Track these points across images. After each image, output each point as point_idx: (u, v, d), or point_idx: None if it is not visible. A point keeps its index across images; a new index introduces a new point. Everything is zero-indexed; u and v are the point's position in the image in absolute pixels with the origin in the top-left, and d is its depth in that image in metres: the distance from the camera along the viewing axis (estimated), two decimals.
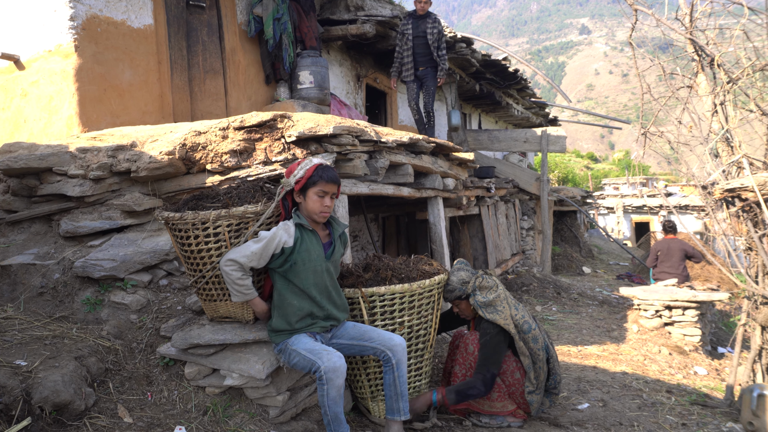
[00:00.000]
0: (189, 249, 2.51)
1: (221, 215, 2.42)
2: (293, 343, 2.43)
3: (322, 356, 2.34)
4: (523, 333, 3.02)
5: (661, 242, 7.91)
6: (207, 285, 2.57)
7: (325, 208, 2.49)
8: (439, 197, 5.52)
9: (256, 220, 2.49)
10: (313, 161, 2.52)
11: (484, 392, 2.92)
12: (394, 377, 2.59)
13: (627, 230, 22.11)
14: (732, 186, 3.40)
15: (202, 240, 2.46)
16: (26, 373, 2.24)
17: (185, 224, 2.45)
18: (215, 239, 2.46)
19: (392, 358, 2.57)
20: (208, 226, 2.44)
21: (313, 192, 2.47)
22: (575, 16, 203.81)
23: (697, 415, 3.49)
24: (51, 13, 4.44)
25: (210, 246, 2.47)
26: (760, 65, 3.53)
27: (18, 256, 3.18)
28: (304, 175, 2.47)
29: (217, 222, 2.43)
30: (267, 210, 2.49)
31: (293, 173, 2.49)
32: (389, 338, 2.60)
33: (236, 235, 2.48)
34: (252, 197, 2.60)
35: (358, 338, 2.61)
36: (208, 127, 3.52)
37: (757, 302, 3.54)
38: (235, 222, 2.45)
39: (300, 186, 2.47)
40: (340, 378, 2.33)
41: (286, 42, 5.99)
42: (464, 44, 8.43)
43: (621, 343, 5.63)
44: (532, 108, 13.77)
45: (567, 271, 11.67)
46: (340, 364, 2.33)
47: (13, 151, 3.50)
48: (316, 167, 2.48)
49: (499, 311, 2.99)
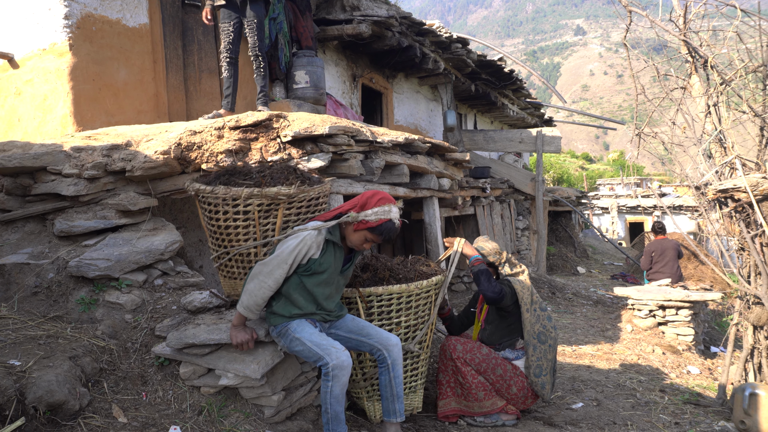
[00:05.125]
0: (216, 224, 2.48)
1: (254, 194, 2.38)
2: (296, 330, 2.42)
3: (330, 352, 2.34)
4: (540, 310, 3.22)
5: (654, 243, 7.96)
6: (230, 262, 2.56)
7: (364, 247, 2.53)
8: (434, 197, 5.53)
9: (287, 202, 2.45)
10: (390, 213, 2.46)
11: (493, 293, 3.10)
12: (390, 378, 2.59)
13: (621, 230, 22.20)
14: (725, 187, 3.43)
15: (231, 216, 2.43)
16: (20, 372, 2.23)
17: (216, 198, 2.42)
18: (244, 217, 2.43)
19: (387, 357, 2.57)
20: (238, 203, 2.40)
21: (366, 234, 2.47)
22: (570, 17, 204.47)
23: (690, 414, 3.51)
24: (45, 11, 4.42)
25: (238, 224, 2.44)
26: (752, 67, 3.56)
27: (12, 256, 3.17)
28: (373, 223, 2.43)
29: (249, 200, 2.40)
30: (326, 224, 2.42)
31: (365, 213, 2.43)
32: (387, 337, 2.61)
33: (265, 215, 2.45)
34: (285, 179, 2.57)
35: (356, 332, 2.61)
36: (203, 126, 3.51)
37: (749, 302, 3.57)
38: (266, 202, 2.42)
39: (362, 227, 2.45)
40: (346, 376, 2.35)
41: (282, 42, 5.98)
42: (460, 45, 8.44)
43: (615, 343, 5.66)
44: (527, 108, 13.81)
45: (562, 271, 11.71)
46: (348, 363, 2.35)
47: (7, 149, 3.48)
48: (388, 221, 2.45)
49: (520, 281, 3.25)
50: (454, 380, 3.14)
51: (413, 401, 3.07)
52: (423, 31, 7.65)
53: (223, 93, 4.71)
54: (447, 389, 3.14)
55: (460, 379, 3.11)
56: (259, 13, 4.63)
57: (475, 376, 3.09)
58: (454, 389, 3.13)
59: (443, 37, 7.97)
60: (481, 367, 3.08)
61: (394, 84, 9.10)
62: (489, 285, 3.13)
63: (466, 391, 3.09)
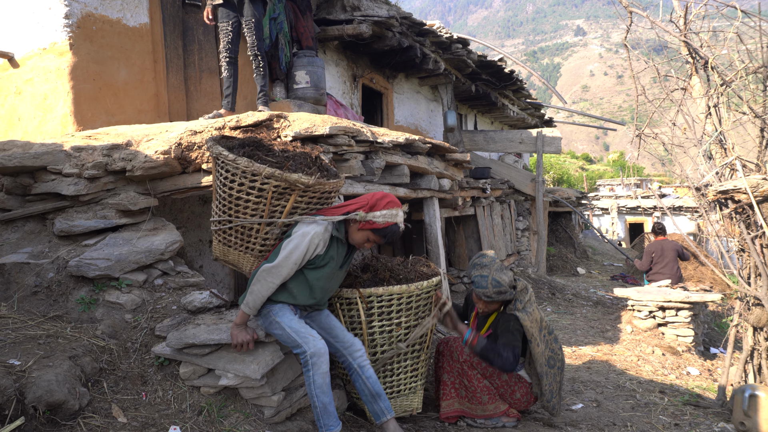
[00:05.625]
0: (228, 192, 2.49)
1: (275, 175, 2.39)
2: (277, 314, 2.46)
3: (308, 341, 2.39)
4: (548, 333, 3.06)
5: (654, 244, 7.96)
6: (230, 230, 2.59)
7: (365, 246, 2.59)
8: (434, 198, 5.53)
9: (302, 191, 2.47)
10: (397, 217, 2.52)
11: (510, 366, 2.89)
12: (363, 380, 2.63)
13: (621, 231, 22.20)
14: (725, 188, 3.43)
15: (246, 189, 2.44)
16: (20, 372, 2.22)
17: (236, 168, 2.42)
18: (257, 194, 2.45)
19: (353, 362, 2.62)
20: (256, 180, 2.41)
21: (369, 235, 2.52)
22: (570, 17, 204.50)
23: (689, 416, 3.51)
24: (46, 11, 4.42)
25: (250, 198, 2.46)
26: (753, 68, 3.56)
27: (12, 255, 3.16)
28: (380, 225, 2.48)
29: (267, 180, 2.41)
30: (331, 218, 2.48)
31: (374, 214, 2.48)
32: (351, 343, 2.65)
33: (278, 197, 2.47)
34: (307, 167, 2.58)
35: (326, 330, 2.66)
36: (204, 126, 3.51)
37: (749, 303, 3.57)
38: (283, 186, 2.43)
39: (367, 227, 2.50)
40: (325, 364, 2.40)
41: (282, 42, 5.98)
42: (460, 45, 8.44)
43: (615, 344, 5.66)
44: (527, 109, 13.81)
45: (562, 271, 11.71)
46: (324, 350, 2.41)
47: (7, 149, 3.48)
48: (393, 225, 2.50)
49: (529, 313, 3.00)
50: (459, 382, 3.14)
51: (413, 402, 3.07)
52: (423, 31, 7.65)
53: (224, 93, 4.70)
54: (451, 390, 3.13)
55: (465, 381, 3.11)
56: (258, 12, 4.63)
57: (481, 380, 3.08)
58: (459, 391, 3.13)
59: (443, 37, 7.97)
60: (487, 371, 3.08)
61: (395, 84, 9.09)
62: (502, 360, 2.87)
63: (470, 394, 3.09)
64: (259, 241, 2.59)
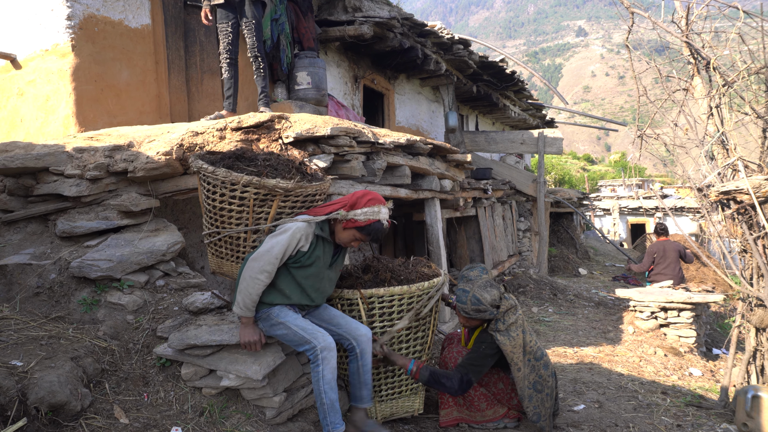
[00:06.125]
0: (213, 204, 2.57)
1: (252, 182, 2.45)
2: (279, 315, 2.46)
3: (317, 336, 2.40)
4: (535, 359, 2.90)
5: (656, 244, 7.95)
6: (219, 242, 2.65)
7: (353, 245, 2.59)
8: (436, 198, 5.53)
9: (284, 195, 2.50)
10: (380, 214, 2.50)
11: (456, 392, 2.81)
12: (359, 366, 2.64)
13: (623, 232, 22.18)
14: (727, 188, 3.42)
15: (227, 199, 2.51)
16: (22, 373, 2.23)
17: (215, 179, 2.49)
18: (239, 203, 2.51)
19: (357, 347, 2.62)
20: (236, 189, 2.47)
21: (355, 233, 2.52)
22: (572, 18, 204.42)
23: (692, 417, 3.50)
24: (48, 12, 4.43)
25: (233, 207, 2.52)
26: (755, 68, 3.55)
27: (14, 256, 3.17)
28: (362, 223, 2.48)
29: (246, 188, 2.47)
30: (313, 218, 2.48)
31: (355, 212, 2.47)
32: (355, 327, 2.65)
33: (261, 204, 2.51)
34: (288, 172, 2.63)
35: (326, 321, 2.66)
36: (205, 127, 3.51)
37: (751, 304, 3.56)
38: (263, 192, 2.48)
39: (350, 226, 2.49)
40: (334, 358, 2.41)
41: (283, 43, 5.98)
42: (461, 46, 8.44)
43: (617, 345, 5.65)
44: (529, 110, 13.81)
45: (563, 272, 11.70)
46: (333, 345, 2.42)
47: (10, 150, 3.49)
48: (376, 222, 2.49)
49: (511, 337, 2.82)
50: None
51: (414, 402, 3.06)
52: (425, 32, 7.65)
53: (225, 94, 4.71)
54: (449, 398, 3.10)
55: None
56: (258, 13, 4.64)
57: (477, 388, 3.06)
58: (456, 399, 3.10)
59: (445, 38, 7.97)
60: (483, 380, 3.07)
61: (396, 85, 9.10)
62: (446, 388, 2.78)
63: (468, 402, 3.07)
64: (248, 249, 2.63)
